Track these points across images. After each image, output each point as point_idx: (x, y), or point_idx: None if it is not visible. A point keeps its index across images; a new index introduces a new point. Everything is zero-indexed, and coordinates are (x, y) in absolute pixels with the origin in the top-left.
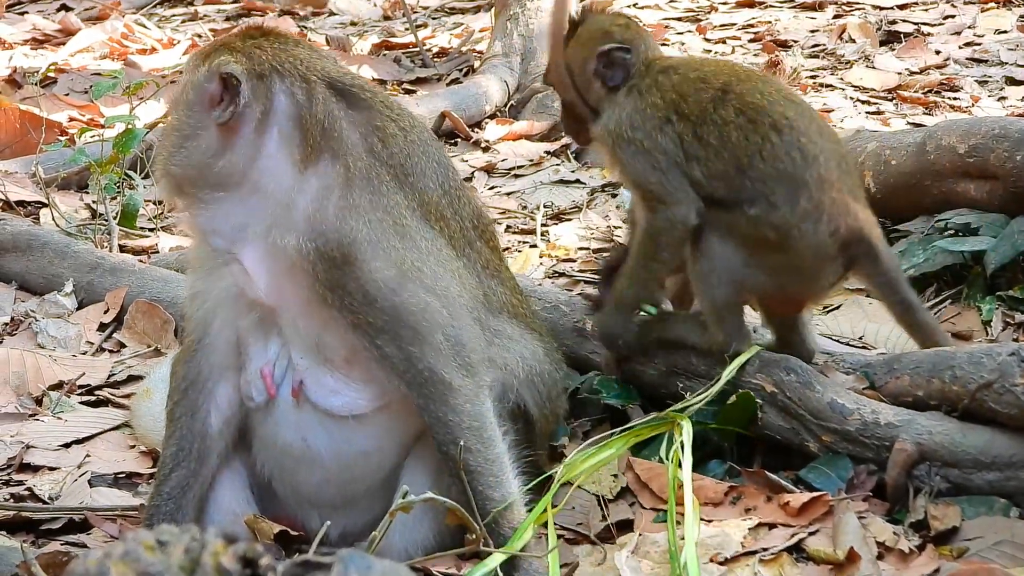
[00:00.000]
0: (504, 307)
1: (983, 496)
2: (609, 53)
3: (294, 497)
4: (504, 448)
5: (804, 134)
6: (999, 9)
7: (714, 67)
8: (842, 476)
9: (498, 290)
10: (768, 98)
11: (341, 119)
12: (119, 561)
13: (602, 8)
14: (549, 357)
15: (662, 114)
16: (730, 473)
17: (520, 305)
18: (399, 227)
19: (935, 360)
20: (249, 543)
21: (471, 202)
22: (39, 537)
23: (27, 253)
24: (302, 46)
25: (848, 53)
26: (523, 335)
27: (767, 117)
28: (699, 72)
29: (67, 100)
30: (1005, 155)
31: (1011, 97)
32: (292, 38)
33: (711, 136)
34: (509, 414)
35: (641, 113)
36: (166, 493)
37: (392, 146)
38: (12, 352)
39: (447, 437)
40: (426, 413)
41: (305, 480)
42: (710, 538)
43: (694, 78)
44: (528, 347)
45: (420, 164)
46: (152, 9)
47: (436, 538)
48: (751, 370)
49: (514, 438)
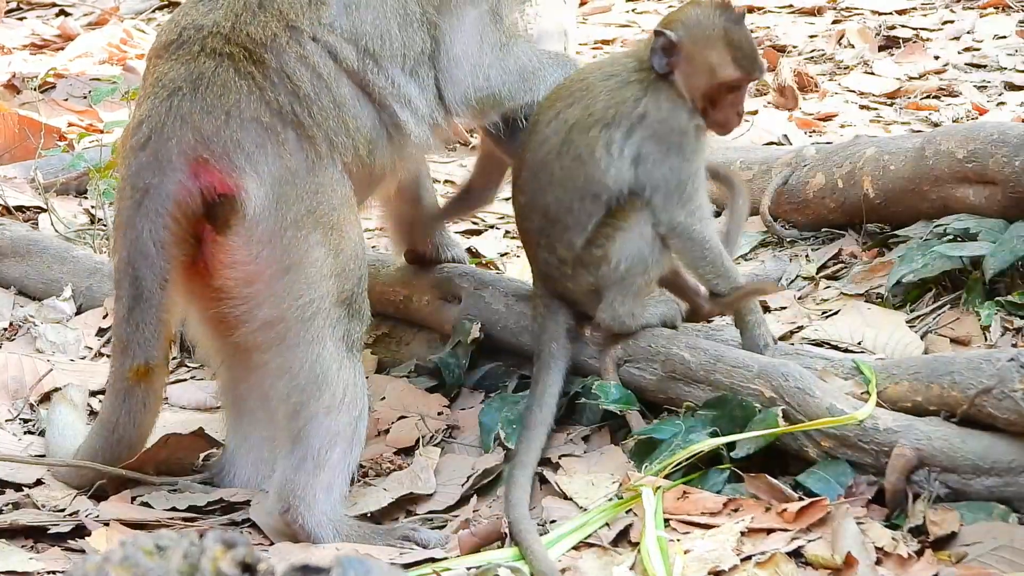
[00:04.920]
0: None
1: (982, 501)
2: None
3: None
4: None
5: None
6: (998, 14)
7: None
8: (841, 482)
9: None
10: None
11: None
12: (118, 566)
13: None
14: None
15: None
16: (729, 479)
17: None
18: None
19: (934, 365)
20: (248, 548)
21: None
22: (38, 543)
23: (26, 258)
24: None
25: (847, 58)
26: None
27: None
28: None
29: (66, 105)
30: (1004, 160)
31: (1010, 102)
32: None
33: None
34: None
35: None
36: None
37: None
38: (10, 357)
39: None
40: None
41: None
42: (708, 552)
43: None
44: None
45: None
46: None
47: None
48: (750, 375)
49: None
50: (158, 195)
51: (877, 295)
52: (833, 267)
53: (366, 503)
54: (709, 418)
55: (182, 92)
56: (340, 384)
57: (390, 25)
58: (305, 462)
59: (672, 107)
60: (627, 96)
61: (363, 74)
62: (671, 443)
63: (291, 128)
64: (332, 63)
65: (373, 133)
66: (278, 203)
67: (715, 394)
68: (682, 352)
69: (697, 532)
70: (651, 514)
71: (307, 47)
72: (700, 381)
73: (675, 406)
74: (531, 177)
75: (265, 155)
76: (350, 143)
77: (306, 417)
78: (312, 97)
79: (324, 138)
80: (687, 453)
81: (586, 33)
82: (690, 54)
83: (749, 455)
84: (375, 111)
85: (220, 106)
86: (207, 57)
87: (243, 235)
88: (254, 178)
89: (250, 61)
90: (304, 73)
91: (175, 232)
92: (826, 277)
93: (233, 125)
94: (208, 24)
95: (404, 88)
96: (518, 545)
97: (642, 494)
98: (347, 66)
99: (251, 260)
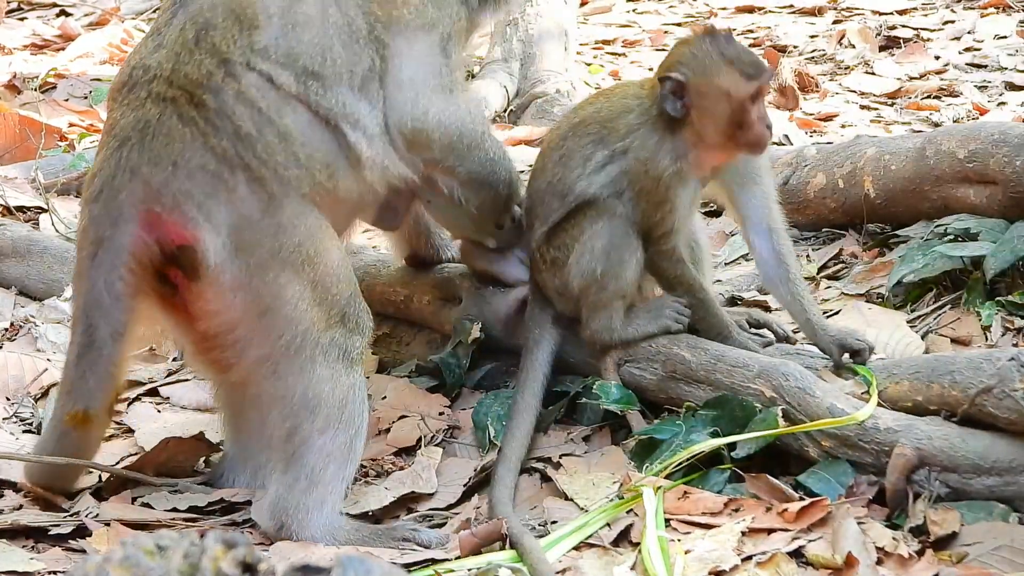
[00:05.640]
0: None
1: (982, 501)
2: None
3: None
4: None
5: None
6: (998, 14)
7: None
8: (842, 481)
9: None
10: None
11: None
12: (118, 566)
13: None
14: None
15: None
16: (730, 479)
17: None
18: None
19: (934, 365)
20: (249, 548)
21: None
22: (39, 543)
23: (26, 258)
24: None
25: (848, 58)
26: None
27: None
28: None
29: (67, 105)
30: (1005, 160)
31: (1011, 102)
32: None
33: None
34: None
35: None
36: None
37: None
38: (10, 356)
39: None
40: None
41: None
42: (709, 552)
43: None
44: None
45: None
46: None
47: None
48: (750, 375)
49: None
50: (112, 247)
51: (878, 295)
52: (834, 267)
53: (367, 502)
54: (709, 418)
55: (131, 142)
56: (335, 404)
57: (332, 43)
58: (298, 482)
59: (657, 149)
60: (621, 124)
61: (307, 96)
62: (672, 443)
63: (239, 172)
64: (272, 92)
65: (330, 157)
66: (238, 251)
67: (716, 394)
68: (683, 352)
69: (698, 532)
70: (652, 514)
71: (243, 80)
72: (701, 381)
73: (676, 406)
74: (539, 158)
75: (217, 204)
76: (305, 173)
77: (300, 439)
78: (255, 135)
79: (274, 176)
80: (688, 453)
81: (586, 33)
82: (700, 89)
83: (750, 455)
84: (329, 134)
85: (167, 156)
86: (152, 103)
87: (212, 283)
88: (209, 228)
89: (191, 105)
90: (243, 111)
91: (133, 283)
92: (827, 277)
93: (181, 176)
94: (153, 65)
95: (353, 107)
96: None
97: (643, 494)
98: (288, 91)
99: (226, 307)
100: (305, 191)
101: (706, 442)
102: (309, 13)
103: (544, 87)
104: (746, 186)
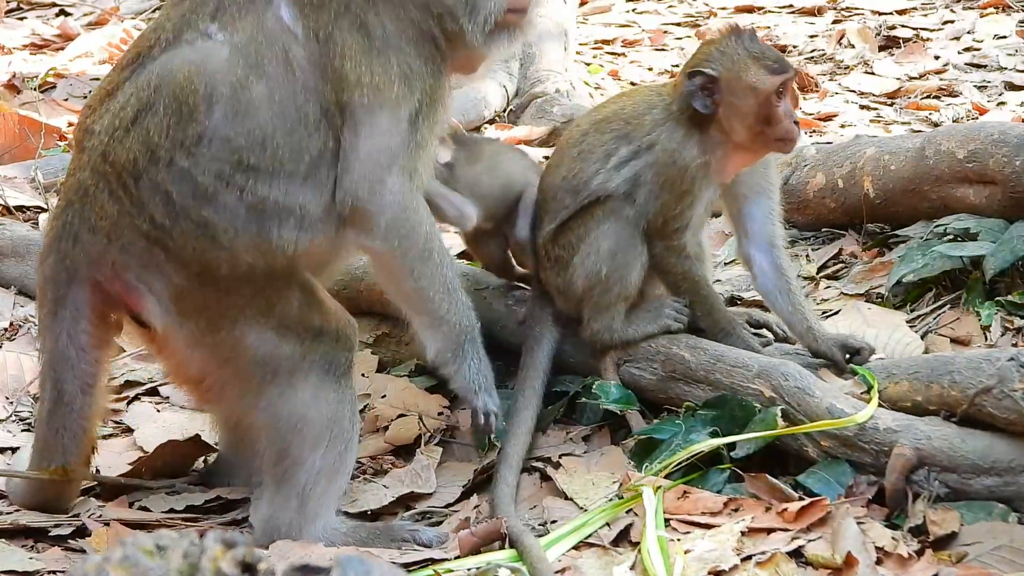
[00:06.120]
0: None
1: (982, 501)
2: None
3: None
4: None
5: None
6: (998, 14)
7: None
8: (841, 481)
9: None
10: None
11: None
12: (118, 566)
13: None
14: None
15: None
16: (730, 479)
17: None
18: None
19: (934, 365)
20: (248, 547)
21: None
22: (39, 543)
23: (26, 258)
24: None
25: (847, 58)
26: None
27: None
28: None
29: (66, 105)
30: (1004, 160)
31: (1010, 102)
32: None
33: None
34: None
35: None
36: None
37: None
38: (9, 356)
39: None
40: None
41: None
42: (708, 552)
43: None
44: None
45: None
46: (151, 15)
47: None
48: (749, 375)
49: None
50: (70, 305)
51: (877, 295)
52: (833, 267)
53: (366, 500)
54: (709, 418)
55: (73, 207)
56: (322, 423)
57: (275, 131)
58: (289, 501)
59: (684, 142)
60: (647, 120)
61: (235, 189)
62: (671, 443)
63: (163, 252)
64: (189, 187)
65: (259, 242)
66: (183, 316)
67: (715, 394)
68: (682, 352)
69: (697, 532)
70: (651, 514)
71: (162, 174)
72: (700, 381)
73: (675, 406)
74: (555, 154)
75: (152, 275)
76: (230, 255)
77: (291, 461)
78: (169, 224)
79: (198, 258)
80: (687, 453)
81: (586, 33)
82: (729, 85)
83: (749, 455)
84: (258, 223)
85: (100, 228)
86: (91, 172)
87: (169, 341)
88: (150, 297)
89: (119, 184)
90: (159, 202)
91: (97, 336)
92: (826, 277)
93: (114, 249)
94: (97, 131)
95: (292, 196)
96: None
97: (642, 494)
98: (210, 186)
99: (188, 360)
100: (238, 265)
101: (706, 442)
102: (255, 99)
103: (544, 87)
104: (755, 198)
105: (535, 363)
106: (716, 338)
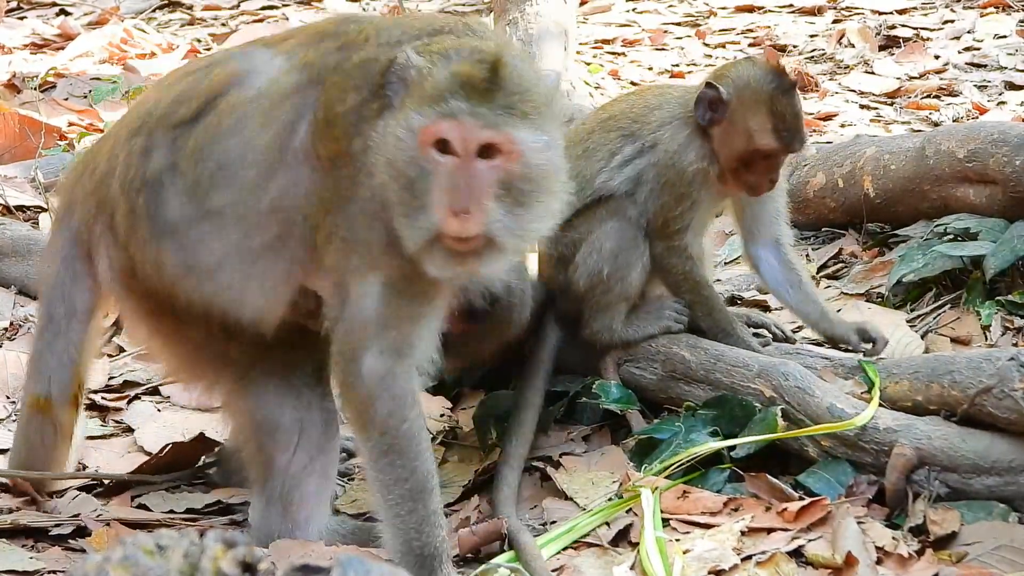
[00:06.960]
0: None
1: (982, 501)
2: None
3: None
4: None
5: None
6: (998, 14)
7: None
8: (841, 481)
9: None
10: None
11: None
12: (118, 565)
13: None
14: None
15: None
16: (730, 479)
17: None
18: None
19: (934, 365)
20: (248, 547)
21: None
22: (38, 543)
23: (26, 257)
24: None
25: (847, 58)
26: None
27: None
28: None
29: (66, 105)
30: (1004, 160)
31: (1010, 102)
32: None
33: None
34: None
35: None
36: None
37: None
38: (9, 355)
39: None
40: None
41: None
42: (708, 551)
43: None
44: None
45: None
46: (151, 14)
47: None
48: (750, 375)
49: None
50: (68, 230)
51: (877, 294)
52: (834, 266)
53: (367, 501)
54: (709, 417)
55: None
56: (290, 426)
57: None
58: (274, 504)
59: (687, 144)
60: (653, 118)
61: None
62: (671, 443)
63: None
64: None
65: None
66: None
67: (715, 393)
68: (682, 352)
69: (697, 531)
70: (649, 514)
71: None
72: (700, 381)
73: (675, 405)
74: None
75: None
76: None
77: (264, 461)
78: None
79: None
80: (687, 454)
81: (586, 33)
82: (734, 115)
83: (749, 454)
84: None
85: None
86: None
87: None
88: (103, 258)
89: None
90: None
91: (89, 268)
92: (827, 276)
93: (95, 199)
94: (100, 167)
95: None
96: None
97: (641, 494)
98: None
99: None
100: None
101: (706, 443)
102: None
103: None
104: (761, 201)
105: (537, 363)
106: (716, 338)
